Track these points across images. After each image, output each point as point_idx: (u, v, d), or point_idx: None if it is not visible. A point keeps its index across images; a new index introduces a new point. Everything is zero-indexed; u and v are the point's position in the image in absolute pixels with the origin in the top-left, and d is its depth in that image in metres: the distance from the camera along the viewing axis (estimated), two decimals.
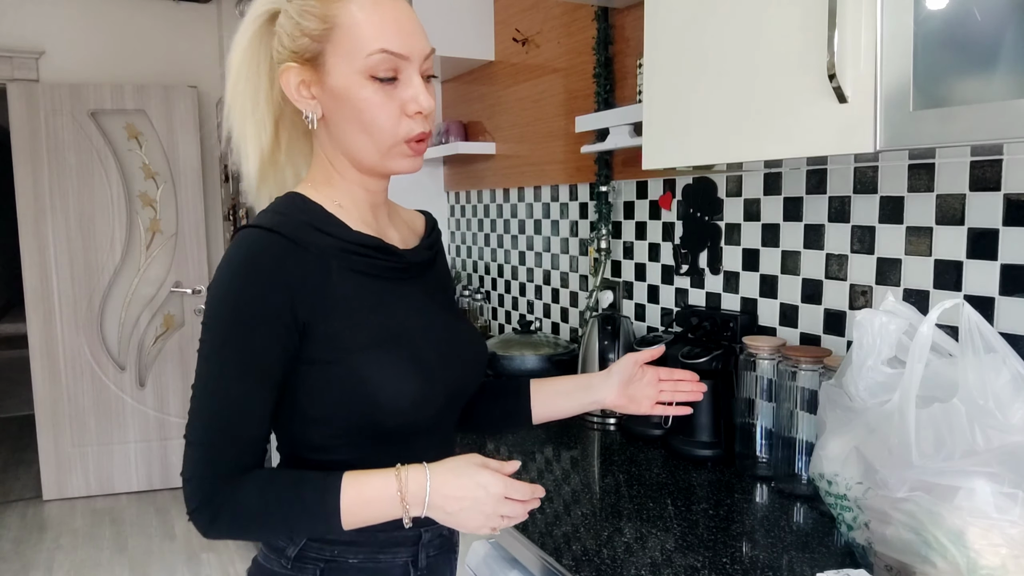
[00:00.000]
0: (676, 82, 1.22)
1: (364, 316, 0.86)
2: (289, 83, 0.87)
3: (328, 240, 0.86)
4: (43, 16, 3.69)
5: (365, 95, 0.85)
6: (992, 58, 0.77)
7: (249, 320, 0.80)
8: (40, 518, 3.60)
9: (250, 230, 0.83)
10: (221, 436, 0.80)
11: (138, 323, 3.88)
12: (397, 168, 0.90)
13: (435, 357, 0.90)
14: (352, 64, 0.84)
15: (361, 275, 0.88)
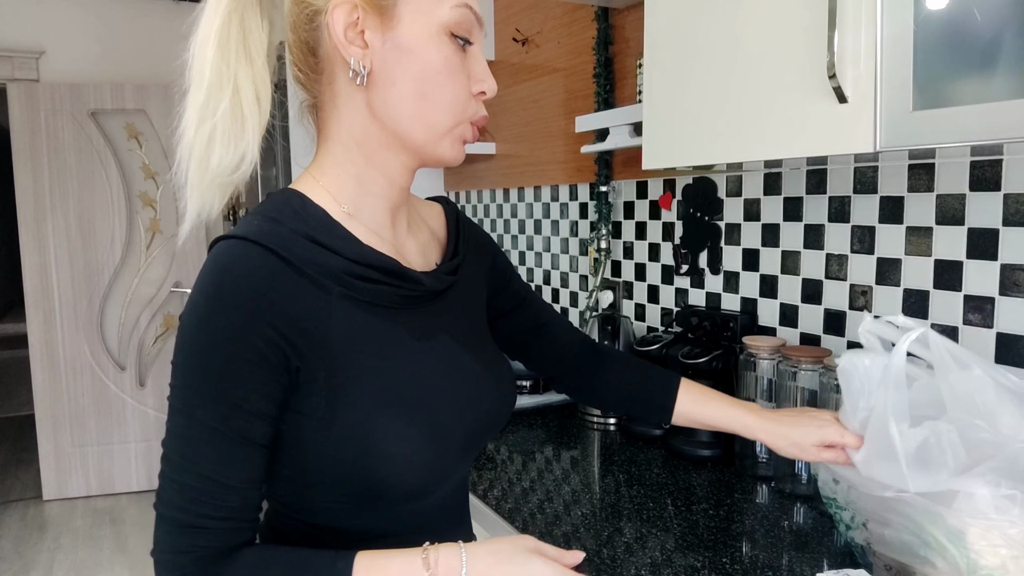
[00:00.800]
0: (676, 82, 1.22)
1: (371, 362, 0.69)
2: (337, 23, 0.69)
3: (331, 260, 0.69)
4: (43, 16, 3.69)
5: (444, 54, 0.70)
6: (992, 58, 0.77)
7: (219, 364, 0.63)
8: (40, 518, 3.60)
9: (231, 243, 0.65)
10: (197, 510, 0.64)
11: (138, 323, 3.88)
12: (445, 155, 0.75)
13: (453, 415, 0.74)
14: (432, 14, 0.70)
15: (367, 306, 0.71)
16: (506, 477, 1.42)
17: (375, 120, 0.73)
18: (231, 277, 0.64)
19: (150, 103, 3.76)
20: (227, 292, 0.64)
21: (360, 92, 0.72)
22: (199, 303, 0.65)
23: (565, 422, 1.78)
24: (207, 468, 0.64)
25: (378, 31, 0.70)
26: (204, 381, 0.64)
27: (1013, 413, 0.80)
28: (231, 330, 0.63)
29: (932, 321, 1.19)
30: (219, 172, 0.70)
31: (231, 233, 0.67)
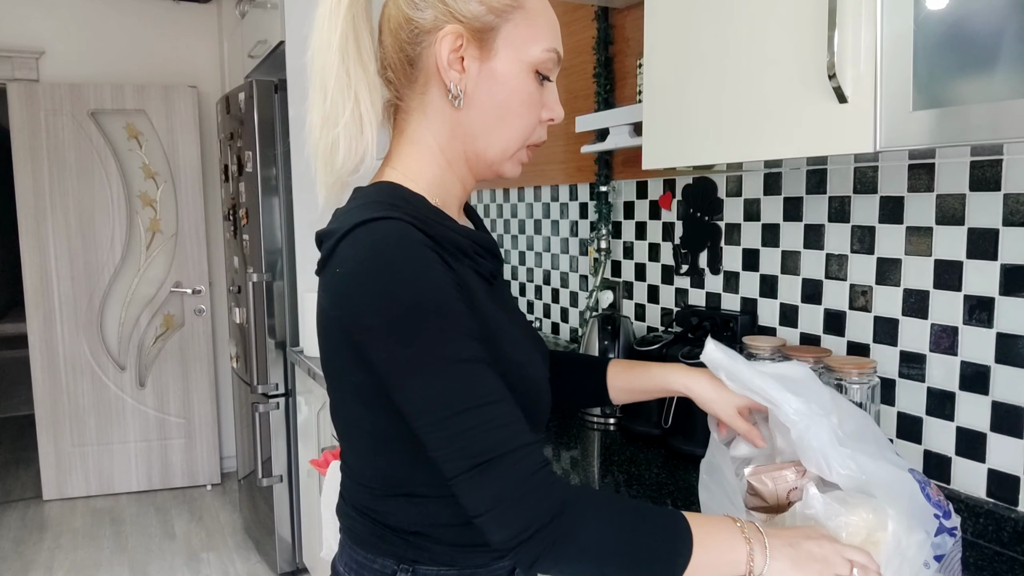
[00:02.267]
0: (676, 82, 1.22)
1: (494, 325, 0.76)
2: (443, 49, 0.76)
3: (453, 236, 0.75)
4: (43, 16, 3.69)
5: (527, 88, 0.79)
6: (992, 58, 0.77)
7: (447, 309, 0.67)
8: (40, 518, 3.60)
9: (377, 223, 0.69)
10: (513, 433, 0.66)
11: (138, 323, 3.88)
12: (509, 171, 0.84)
13: (541, 378, 0.82)
14: (524, 53, 0.79)
15: (483, 278, 0.79)
16: None
17: (457, 136, 0.80)
18: (407, 242, 0.68)
19: (150, 103, 3.76)
20: (413, 253, 0.68)
21: (449, 109, 0.79)
22: (392, 274, 0.67)
23: (565, 422, 1.78)
24: (497, 390, 0.68)
25: (476, 59, 0.77)
26: (446, 327, 0.66)
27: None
28: (439, 281, 0.68)
29: (932, 321, 1.19)
30: (343, 171, 0.77)
31: (371, 216, 0.70)
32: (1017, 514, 1.08)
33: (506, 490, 0.64)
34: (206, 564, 3.10)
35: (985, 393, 1.13)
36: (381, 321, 0.67)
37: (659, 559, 0.67)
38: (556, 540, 0.65)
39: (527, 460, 0.66)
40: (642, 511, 0.69)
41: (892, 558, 0.79)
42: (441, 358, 0.66)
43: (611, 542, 0.66)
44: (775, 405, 0.89)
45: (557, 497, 0.66)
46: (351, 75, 0.75)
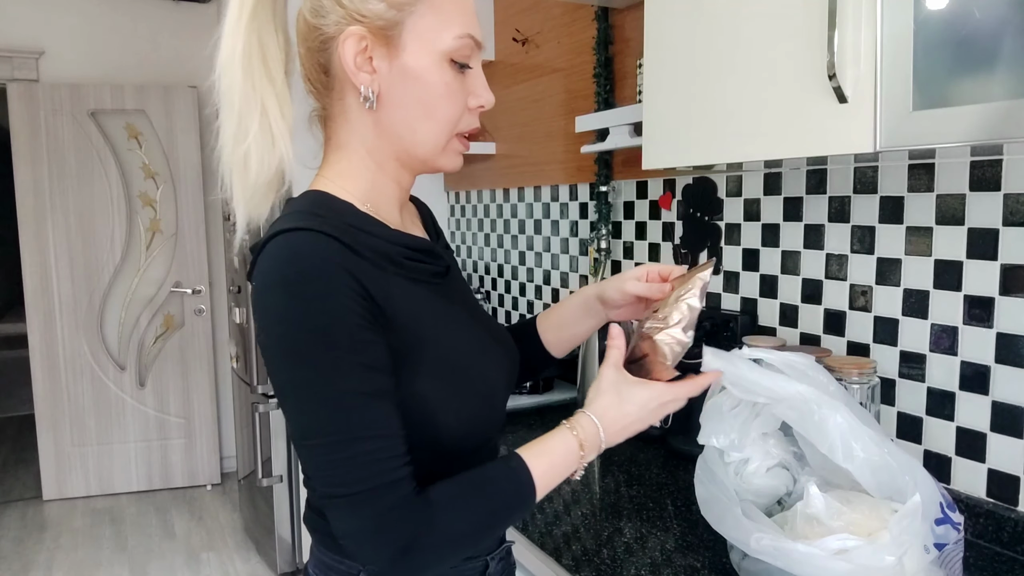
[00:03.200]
0: (676, 82, 1.22)
1: (427, 333, 0.76)
2: (348, 52, 0.74)
3: (378, 243, 0.75)
4: (43, 16, 3.69)
5: (444, 79, 0.77)
6: (992, 58, 0.77)
7: (344, 336, 0.67)
8: (40, 518, 3.60)
9: (295, 233, 0.69)
10: (381, 468, 0.67)
11: (138, 323, 3.88)
12: (447, 164, 0.84)
13: (497, 375, 0.83)
14: (435, 43, 0.76)
15: (414, 283, 0.78)
16: None
17: (383, 136, 0.79)
18: (313, 260, 0.68)
19: (150, 103, 3.76)
20: (316, 272, 0.67)
21: (369, 112, 0.78)
22: (293, 292, 0.67)
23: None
24: (381, 427, 0.68)
25: (385, 58, 0.76)
26: (338, 355, 0.67)
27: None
28: (337, 303, 0.67)
29: (932, 321, 1.20)
30: (258, 185, 0.77)
31: (288, 227, 0.70)
32: (1017, 514, 1.08)
33: (364, 524, 0.67)
34: (206, 564, 3.10)
35: (985, 393, 1.13)
36: (275, 341, 0.68)
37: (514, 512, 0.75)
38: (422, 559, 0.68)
39: (386, 498, 0.67)
40: (487, 493, 0.73)
41: (900, 533, 0.79)
42: (325, 386, 0.67)
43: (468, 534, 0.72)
44: (786, 399, 0.89)
45: (410, 530, 0.67)
46: (257, 88, 0.75)
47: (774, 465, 1.01)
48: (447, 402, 0.75)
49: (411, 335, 0.74)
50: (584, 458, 0.77)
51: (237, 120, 0.75)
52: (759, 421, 0.99)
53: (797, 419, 0.89)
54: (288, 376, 0.68)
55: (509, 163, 2.49)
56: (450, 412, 0.76)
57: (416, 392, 0.73)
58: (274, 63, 0.77)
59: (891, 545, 0.78)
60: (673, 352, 0.83)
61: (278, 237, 0.70)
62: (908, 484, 0.84)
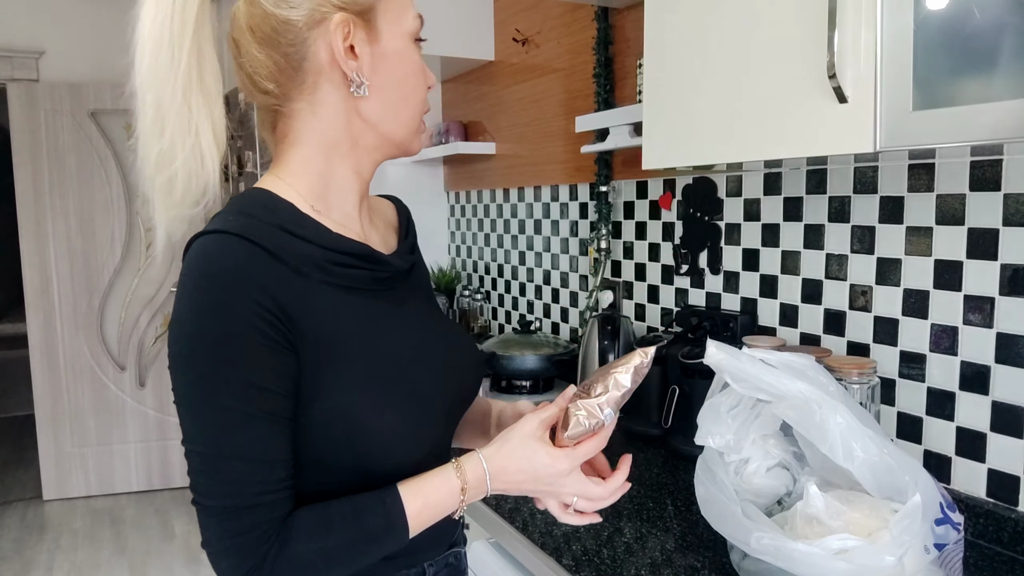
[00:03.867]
0: (676, 82, 1.22)
1: (353, 343, 0.73)
2: (338, 38, 0.73)
3: (306, 248, 0.72)
4: (43, 16, 3.69)
5: (414, 58, 0.78)
6: (992, 58, 0.77)
7: (235, 350, 0.65)
8: (40, 518, 3.60)
9: (211, 237, 0.67)
10: (249, 491, 0.66)
11: (138, 323, 3.88)
12: (416, 147, 0.83)
13: (434, 387, 0.79)
14: (403, 24, 0.77)
15: (345, 290, 0.74)
16: None
17: (355, 125, 0.77)
18: (219, 268, 0.66)
19: None
20: (221, 280, 0.66)
21: (348, 99, 0.76)
22: (195, 298, 0.66)
23: None
24: (250, 450, 0.66)
25: (365, 43, 0.75)
26: (224, 369, 0.65)
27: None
28: (234, 316, 0.65)
29: (932, 321, 1.20)
30: (184, 205, 0.74)
31: (208, 229, 0.69)
32: (1017, 514, 1.08)
33: (214, 538, 0.67)
34: (206, 565, 3.10)
35: (985, 393, 1.13)
36: (172, 341, 0.67)
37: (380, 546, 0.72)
38: None
39: (244, 519, 0.66)
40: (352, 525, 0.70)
41: (900, 533, 0.79)
42: (207, 398, 0.66)
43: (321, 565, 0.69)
44: (787, 397, 0.89)
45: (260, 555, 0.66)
46: (192, 108, 0.72)
47: (774, 465, 1.01)
48: (374, 414, 0.72)
49: (331, 345, 0.71)
50: (465, 501, 0.75)
51: (167, 141, 0.72)
52: (759, 423, 0.99)
53: (797, 419, 0.89)
54: (178, 379, 0.67)
55: (509, 163, 2.49)
56: (379, 426, 0.72)
57: (339, 404, 0.70)
58: (212, 80, 0.74)
59: (891, 545, 0.78)
60: (580, 424, 0.78)
61: (200, 239, 0.69)
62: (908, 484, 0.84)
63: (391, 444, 0.73)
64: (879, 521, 0.84)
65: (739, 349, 0.96)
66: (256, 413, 0.66)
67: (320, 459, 0.72)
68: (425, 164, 2.91)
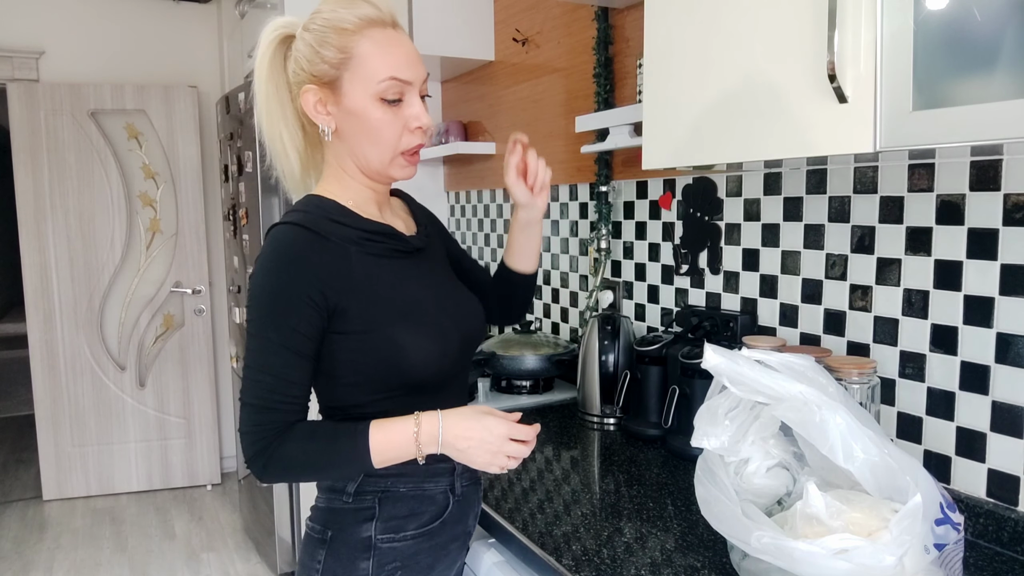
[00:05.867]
0: (676, 82, 1.22)
1: (386, 292, 1.01)
2: (308, 102, 1.02)
3: (346, 230, 1.01)
4: (43, 16, 3.68)
5: (376, 115, 1.01)
6: (992, 58, 0.77)
7: (285, 304, 0.95)
8: (40, 518, 3.60)
9: (280, 227, 1.00)
10: (268, 398, 0.95)
11: (138, 323, 3.88)
12: (396, 175, 1.07)
13: (447, 320, 1.07)
14: (366, 89, 1.00)
15: (377, 257, 1.03)
16: (506, 477, 1.42)
17: (347, 156, 1.06)
18: (284, 246, 0.97)
19: (150, 103, 3.76)
20: (283, 256, 0.97)
21: (335, 140, 1.05)
22: (268, 264, 0.96)
23: (565, 422, 1.78)
24: (277, 369, 0.95)
25: (333, 103, 1.02)
26: (273, 313, 0.95)
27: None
28: (288, 280, 0.95)
29: (932, 321, 1.20)
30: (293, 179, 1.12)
31: (282, 221, 1.01)
32: (1017, 514, 1.08)
33: (244, 424, 0.96)
34: (206, 564, 3.10)
35: (985, 393, 1.13)
36: (250, 292, 0.98)
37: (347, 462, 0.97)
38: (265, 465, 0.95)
39: (263, 415, 0.95)
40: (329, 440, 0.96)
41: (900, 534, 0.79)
42: (263, 331, 0.96)
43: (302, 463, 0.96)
44: (786, 399, 0.89)
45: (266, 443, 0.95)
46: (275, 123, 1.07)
47: (774, 465, 1.01)
48: (412, 339, 1.00)
49: (373, 293, 1.00)
50: (421, 446, 0.97)
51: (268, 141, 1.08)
52: (758, 424, 0.99)
53: (797, 420, 0.89)
54: (249, 315, 0.97)
55: None
56: (413, 350, 1.00)
57: (387, 333, 0.99)
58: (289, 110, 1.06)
59: (891, 545, 0.78)
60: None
61: (277, 227, 1.00)
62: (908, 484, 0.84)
63: (421, 362, 1.01)
64: (879, 521, 0.84)
65: (737, 351, 0.96)
66: (289, 346, 0.95)
67: (374, 374, 1.01)
68: (425, 164, 2.91)
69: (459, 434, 0.97)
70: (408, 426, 0.97)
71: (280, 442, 0.95)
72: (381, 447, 0.96)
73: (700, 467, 0.99)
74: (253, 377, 0.96)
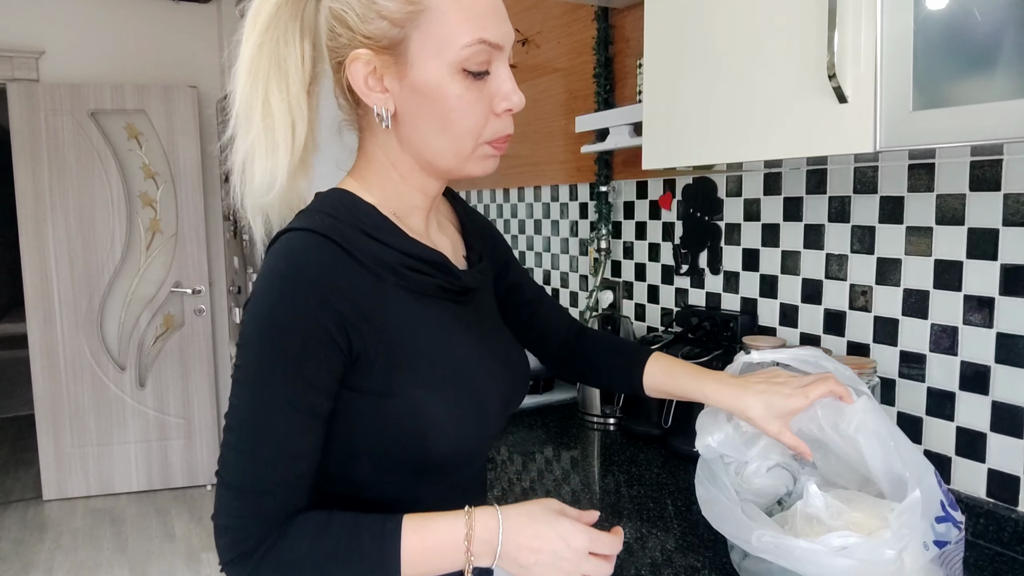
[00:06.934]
0: (676, 82, 1.22)
1: (425, 345, 0.75)
2: (357, 74, 0.74)
3: (385, 252, 0.75)
4: (43, 16, 3.69)
5: (456, 92, 0.73)
6: (992, 58, 0.77)
7: (297, 343, 0.68)
8: (40, 518, 3.60)
9: (295, 233, 0.71)
10: (266, 480, 0.68)
11: (138, 323, 3.88)
12: (476, 171, 0.79)
13: (495, 395, 0.82)
14: (443, 55, 0.72)
15: (419, 295, 0.77)
16: (506, 477, 1.42)
17: (404, 149, 0.79)
18: (302, 263, 0.69)
19: (150, 103, 3.76)
20: (300, 276, 0.69)
21: (392, 128, 0.77)
22: (274, 287, 0.69)
23: (565, 422, 1.78)
24: (281, 438, 0.68)
25: (395, 77, 0.74)
26: (282, 358, 0.68)
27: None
28: (305, 311, 0.68)
29: (932, 321, 1.20)
30: (253, 193, 0.76)
31: (295, 226, 0.72)
32: (1017, 514, 1.08)
33: (223, 512, 0.69)
34: (206, 564, 3.10)
35: (985, 393, 1.13)
36: (243, 327, 0.71)
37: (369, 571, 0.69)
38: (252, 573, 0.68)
39: (254, 501, 0.68)
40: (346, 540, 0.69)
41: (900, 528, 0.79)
42: (259, 381, 0.68)
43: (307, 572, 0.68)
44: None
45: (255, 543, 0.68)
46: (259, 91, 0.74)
47: (774, 465, 1.01)
48: (444, 412, 0.75)
49: (405, 344, 0.74)
50: (472, 556, 0.70)
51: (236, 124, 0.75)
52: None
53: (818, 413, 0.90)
54: (242, 358, 0.70)
55: (509, 163, 2.49)
56: (444, 425, 0.75)
57: (414, 399, 0.73)
58: (293, 73, 0.75)
59: (891, 540, 0.78)
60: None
61: (286, 235, 0.72)
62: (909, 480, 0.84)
63: (453, 441, 0.76)
64: (879, 520, 0.84)
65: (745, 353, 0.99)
66: (299, 405, 0.69)
67: (386, 449, 0.75)
68: None
69: (524, 544, 0.70)
70: (457, 527, 0.70)
71: (277, 540, 0.68)
72: (417, 554, 0.69)
73: (701, 467, 0.99)
74: (242, 447, 0.68)
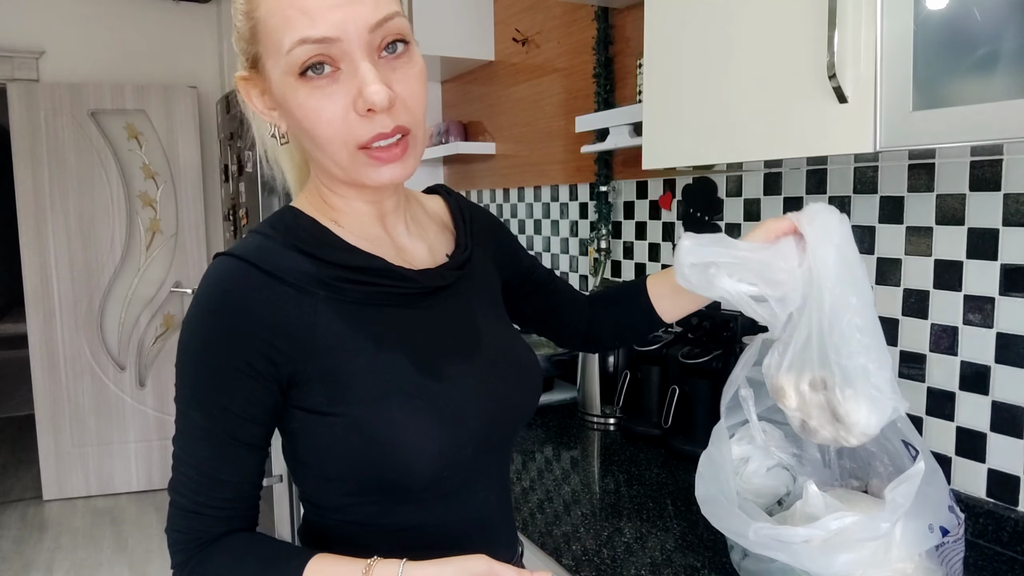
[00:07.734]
0: (676, 82, 1.22)
1: (364, 358, 0.71)
2: (249, 94, 0.74)
3: (316, 267, 0.72)
4: (43, 16, 3.69)
5: (299, 100, 0.67)
6: (992, 58, 0.77)
7: (211, 373, 0.68)
8: (40, 518, 3.60)
9: (220, 260, 0.70)
10: (196, 500, 0.71)
11: (138, 323, 3.88)
12: (367, 181, 0.71)
13: (466, 404, 0.75)
14: (279, 64, 0.67)
15: (359, 306, 0.73)
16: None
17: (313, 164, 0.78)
18: (218, 291, 0.69)
19: (150, 103, 3.76)
20: (215, 305, 0.69)
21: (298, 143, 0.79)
22: (194, 315, 0.70)
23: (565, 422, 1.78)
24: (201, 462, 0.71)
25: (262, 94, 0.74)
26: (197, 385, 0.70)
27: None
28: (219, 340, 0.69)
29: (932, 321, 1.20)
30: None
31: (226, 251, 0.72)
32: (1017, 514, 1.08)
33: (168, 523, 0.73)
34: None
35: (985, 393, 1.13)
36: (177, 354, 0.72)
37: None
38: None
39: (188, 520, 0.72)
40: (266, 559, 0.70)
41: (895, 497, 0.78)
42: (182, 407, 0.71)
43: None
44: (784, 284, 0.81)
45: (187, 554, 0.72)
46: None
47: (774, 465, 1.01)
48: (388, 429, 0.70)
49: (341, 360, 0.71)
50: None
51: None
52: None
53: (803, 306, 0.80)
54: (176, 387, 0.72)
55: (509, 163, 2.49)
56: (394, 440, 0.70)
57: (356, 417, 0.70)
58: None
59: (886, 511, 0.77)
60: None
61: (215, 259, 0.72)
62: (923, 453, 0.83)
63: (411, 460, 0.70)
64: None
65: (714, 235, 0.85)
66: (218, 432, 0.70)
67: (345, 472, 0.73)
68: (425, 164, 2.91)
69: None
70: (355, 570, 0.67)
71: (205, 556, 0.70)
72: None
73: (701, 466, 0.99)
74: (176, 465, 0.73)
